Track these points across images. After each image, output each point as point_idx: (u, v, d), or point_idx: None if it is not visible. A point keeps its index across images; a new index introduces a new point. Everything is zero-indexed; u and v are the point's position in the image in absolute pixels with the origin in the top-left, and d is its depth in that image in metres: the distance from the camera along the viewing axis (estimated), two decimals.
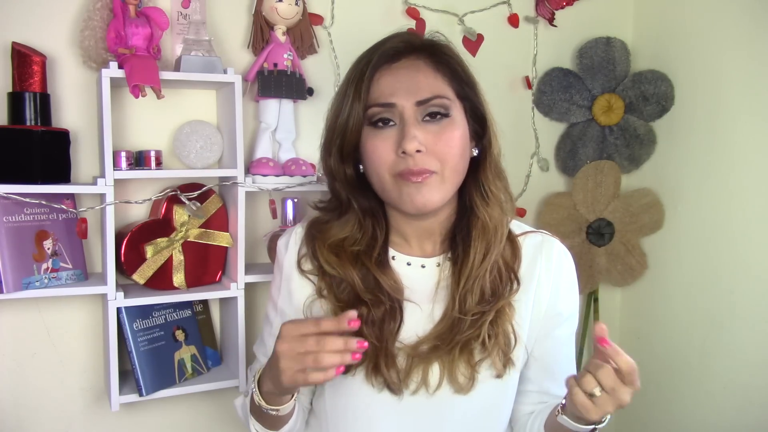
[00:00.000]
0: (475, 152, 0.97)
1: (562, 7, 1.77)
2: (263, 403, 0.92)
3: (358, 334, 0.91)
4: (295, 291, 1.01)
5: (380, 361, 0.93)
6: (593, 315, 1.87)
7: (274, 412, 0.92)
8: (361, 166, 0.96)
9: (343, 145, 0.94)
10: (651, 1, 1.82)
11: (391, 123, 0.92)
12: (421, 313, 0.96)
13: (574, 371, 1.03)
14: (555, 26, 1.77)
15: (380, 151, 0.91)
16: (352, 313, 0.81)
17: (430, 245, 1.00)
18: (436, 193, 0.91)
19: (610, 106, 1.74)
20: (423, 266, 1.00)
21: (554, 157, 1.82)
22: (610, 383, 0.78)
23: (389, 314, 0.94)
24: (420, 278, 0.99)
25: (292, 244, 1.03)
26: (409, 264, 1.00)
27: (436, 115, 0.91)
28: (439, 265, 0.99)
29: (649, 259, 1.81)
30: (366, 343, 0.82)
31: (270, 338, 1.05)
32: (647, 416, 1.82)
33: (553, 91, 1.74)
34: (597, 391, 0.79)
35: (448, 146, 0.91)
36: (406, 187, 0.90)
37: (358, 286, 0.95)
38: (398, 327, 0.95)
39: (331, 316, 0.94)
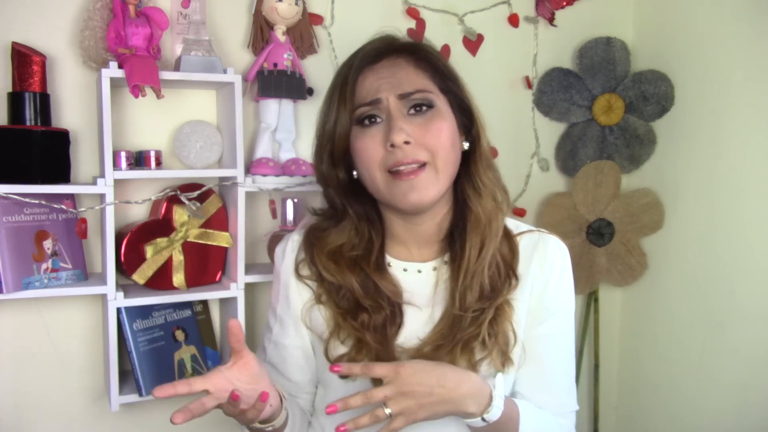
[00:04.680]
0: (466, 145, 0.97)
1: (562, 7, 1.77)
2: (256, 424, 0.91)
3: (361, 341, 0.93)
4: (293, 297, 1.02)
5: None
6: (593, 315, 1.87)
7: (270, 428, 0.92)
8: (354, 172, 0.97)
9: (334, 150, 0.96)
10: (651, 1, 1.82)
11: (378, 120, 0.92)
12: (421, 315, 0.96)
13: (563, 371, 1.01)
14: (555, 26, 1.77)
15: (369, 148, 0.92)
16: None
17: (427, 249, 1.00)
18: (432, 187, 0.91)
19: (610, 106, 1.74)
20: (419, 271, 1.00)
21: (554, 157, 1.82)
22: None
23: (390, 319, 0.94)
24: (417, 283, 0.98)
25: (289, 251, 1.03)
26: (405, 270, 1.00)
27: (422, 107, 0.92)
28: (435, 269, 0.99)
29: (649, 259, 1.81)
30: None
31: (269, 344, 1.06)
32: (647, 416, 1.82)
33: (553, 91, 1.74)
34: (387, 412, 0.83)
35: (436, 137, 0.91)
36: (400, 185, 0.90)
37: (358, 292, 0.95)
38: (398, 330, 0.95)
39: (332, 324, 0.96)
